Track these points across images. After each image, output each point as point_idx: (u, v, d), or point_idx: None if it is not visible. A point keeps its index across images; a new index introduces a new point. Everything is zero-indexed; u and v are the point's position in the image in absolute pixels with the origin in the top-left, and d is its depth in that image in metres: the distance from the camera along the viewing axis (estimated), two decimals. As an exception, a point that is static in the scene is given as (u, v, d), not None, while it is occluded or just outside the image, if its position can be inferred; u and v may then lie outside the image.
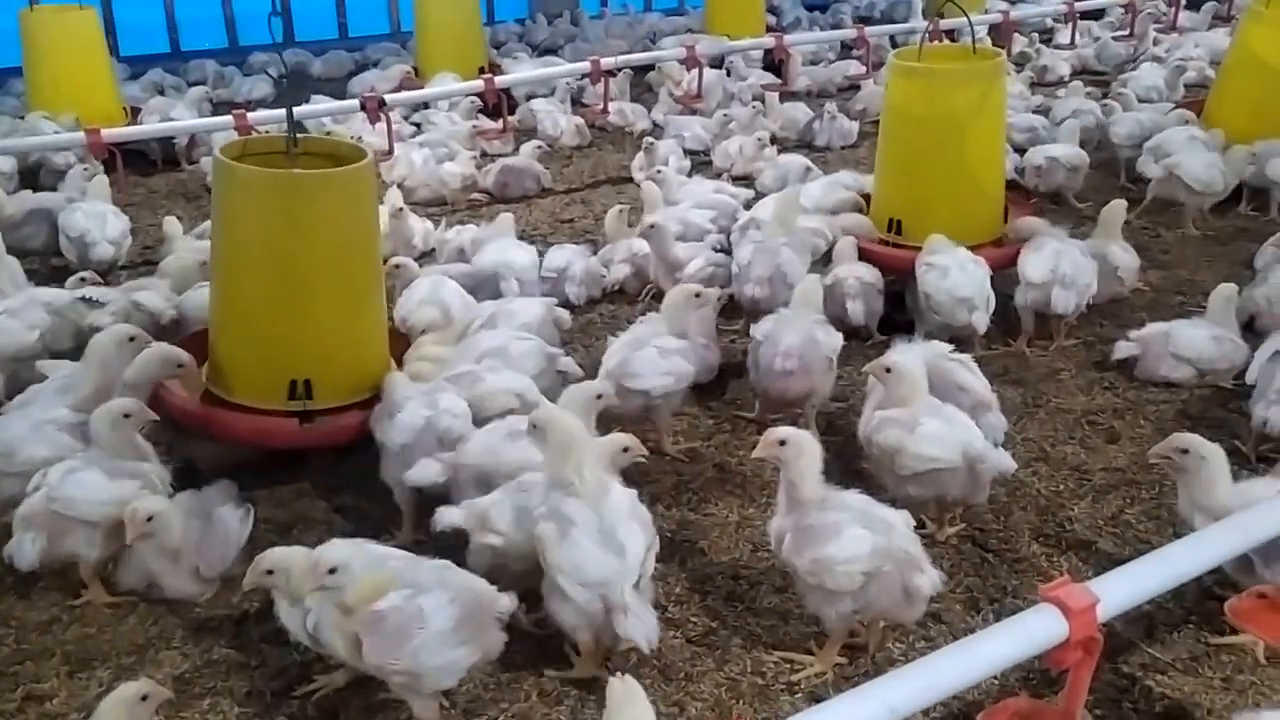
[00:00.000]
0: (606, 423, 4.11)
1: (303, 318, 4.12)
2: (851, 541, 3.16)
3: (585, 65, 9.03)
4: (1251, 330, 5.28)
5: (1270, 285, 5.43)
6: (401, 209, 6.53)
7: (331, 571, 2.99)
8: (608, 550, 3.13)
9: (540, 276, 6.00)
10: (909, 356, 4.19)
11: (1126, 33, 12.23)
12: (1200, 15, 13.33)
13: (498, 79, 8.72)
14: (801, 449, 3.29)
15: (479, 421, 4.03)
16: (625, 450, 3.50)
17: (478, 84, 8.66)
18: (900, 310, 5.66)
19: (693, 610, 3.69)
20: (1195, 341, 5.05)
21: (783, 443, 3.29)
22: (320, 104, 8.51)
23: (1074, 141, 7.46)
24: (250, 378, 4.27)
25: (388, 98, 8.11)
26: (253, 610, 3.67)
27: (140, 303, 5.10)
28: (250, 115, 7.38)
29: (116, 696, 2.77)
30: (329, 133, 8.47)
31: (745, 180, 7.90)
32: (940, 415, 3.83)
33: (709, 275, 5.78)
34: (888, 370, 3.98)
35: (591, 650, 3.30)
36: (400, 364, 4.55)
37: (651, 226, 5.83)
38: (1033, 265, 5.32)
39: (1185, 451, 3.53)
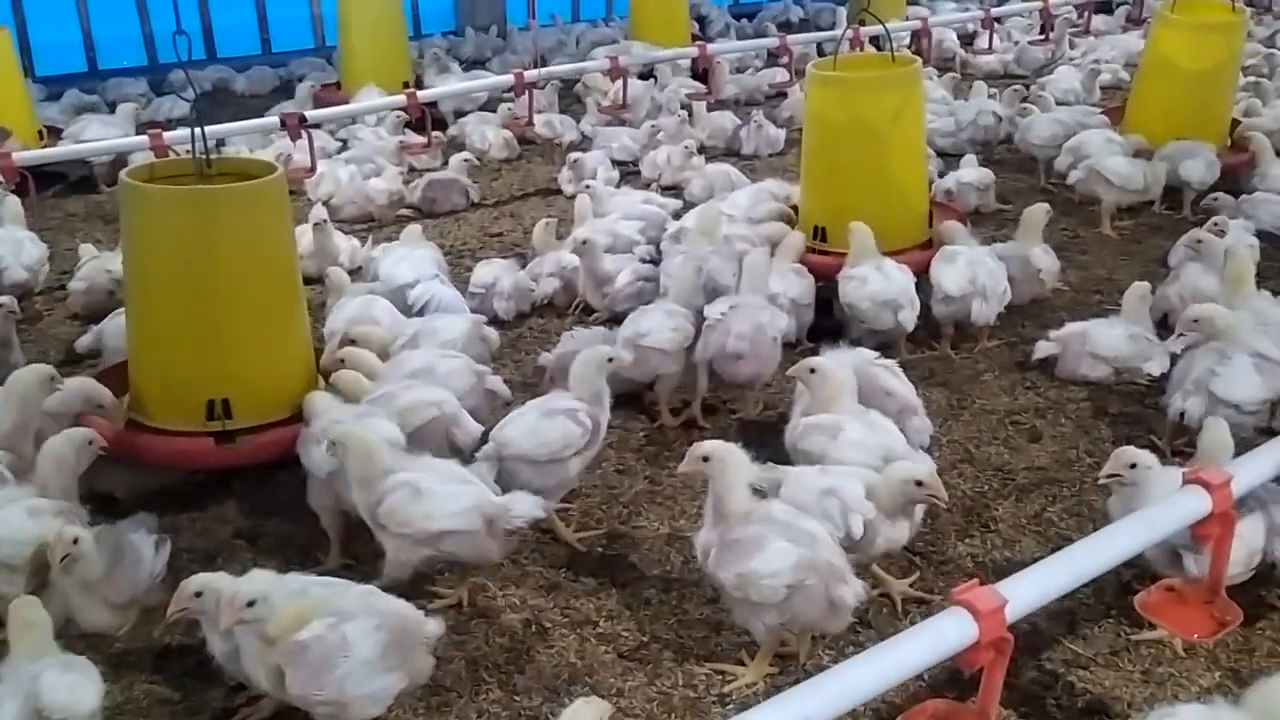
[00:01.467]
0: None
1: (217, 337, 4.07)
2: (776, 555, 3.17)
3: (509, 78, 9.00)
4: (1166, 327, 5.42)
5: (1182, 283, 5.58)
6: (324, 221, 6.45)
7: (250, 604, 2.94)
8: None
9: (468, 292, 5.98)
10: (835, 360, 4.26)
11: (1043, 37, 12.50)
12: (1114, 18, 13.70)
13: (420, 93, 8.65)
14: (726, 463, 3.30)
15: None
16: None
17: (400, 99, 8.59)
18: (828, 316, 5.72)
19: (624, 624, 3.69)
20: (1111, 340, 5.17)
21: (706, 458, 3.31)
22: (239, 123, 8.34)
23: (982, 172, 7.51)
24: (168, 400, 4.20)
25: (308, 114, 8.01)
26: (174, 644, 3.60)
27: None
28: (167, 135, 7.24)
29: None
30: (252, 152, 8.34)
31: (674, 190, 7.93)
32: (863, 421, 3.87)
33: (637, 290, 5.79)
34: (812, 371, 4.02)
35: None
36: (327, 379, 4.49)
37: (584, 242, 5.82)
38: (949, 278, 5.36)
39: (1134, 466, 3.54)
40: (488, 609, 3.78)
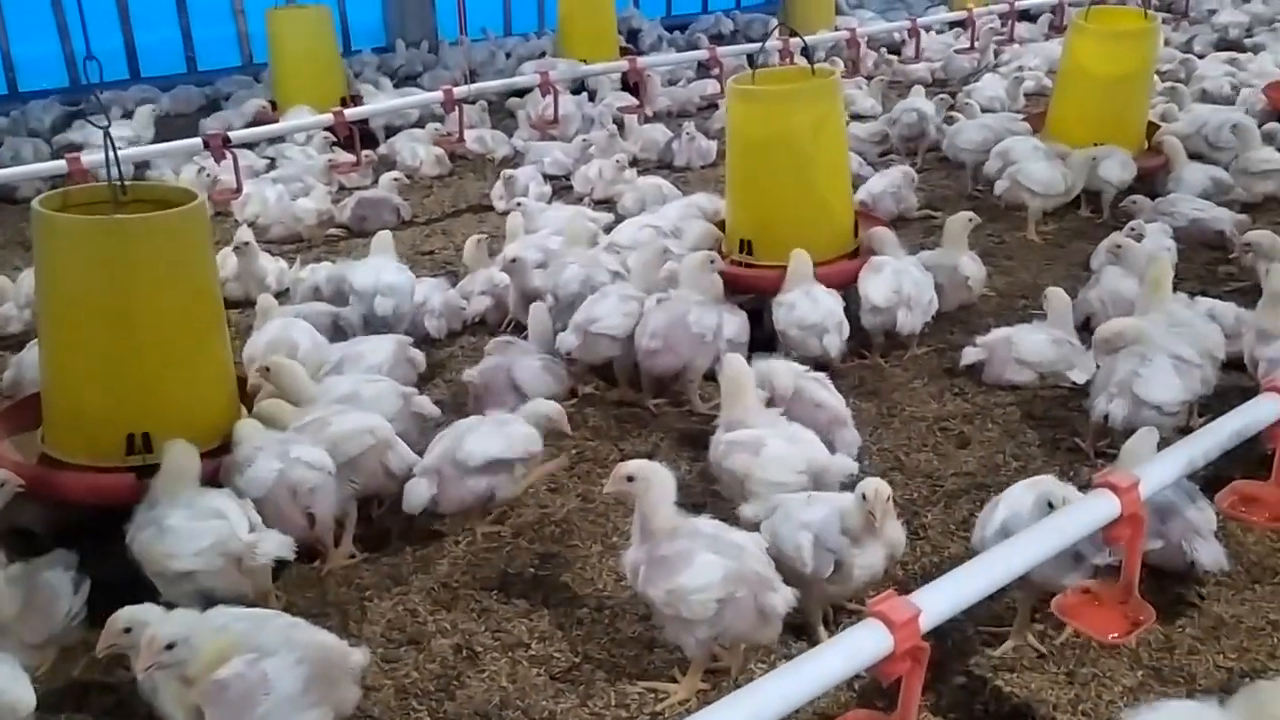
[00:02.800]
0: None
1: (136, 369, 3.97)
2: (704, 569, 3.19)
3: (438, 95, 8.95)
4: (1089, 330, 5.52)
5: (1103, 286, 5.69)
6: (247, 243, 6.35)
7: (169, 647, 2.87)
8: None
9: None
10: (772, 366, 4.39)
11: (969, 46, 12.73)
12: (1037, 26, 13.98)
13: (347, 112, 8.57)
14: (650, 482, 3.30)
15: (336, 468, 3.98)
16: None
17: (326, 118, 8.50)
18: (758, 327, 5.74)
19: (556, 646, 3.66)
20: (1036, 345, 5.26)
21: (631, 478, 3.31)
22: (162, 144, 8.20)
23: (892, 178, 7.52)
24: (86, 435, 4.08)
25: (233, 134, 7.89)
26: (94, 682, 3.51)
27: None
28: (86, 159, 7.09)
29: None
30: (179, 174, 8.21)
31: (606, 204, 7.94)
32: (784, 435, 3.90)
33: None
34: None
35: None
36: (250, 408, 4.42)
37: (513, 260, 5.80)
38: (875, 288, 5.41)
39: None
40: (417, 635, 3.74)
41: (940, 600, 2.56)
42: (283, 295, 6.28)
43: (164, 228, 3.93)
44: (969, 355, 5.36)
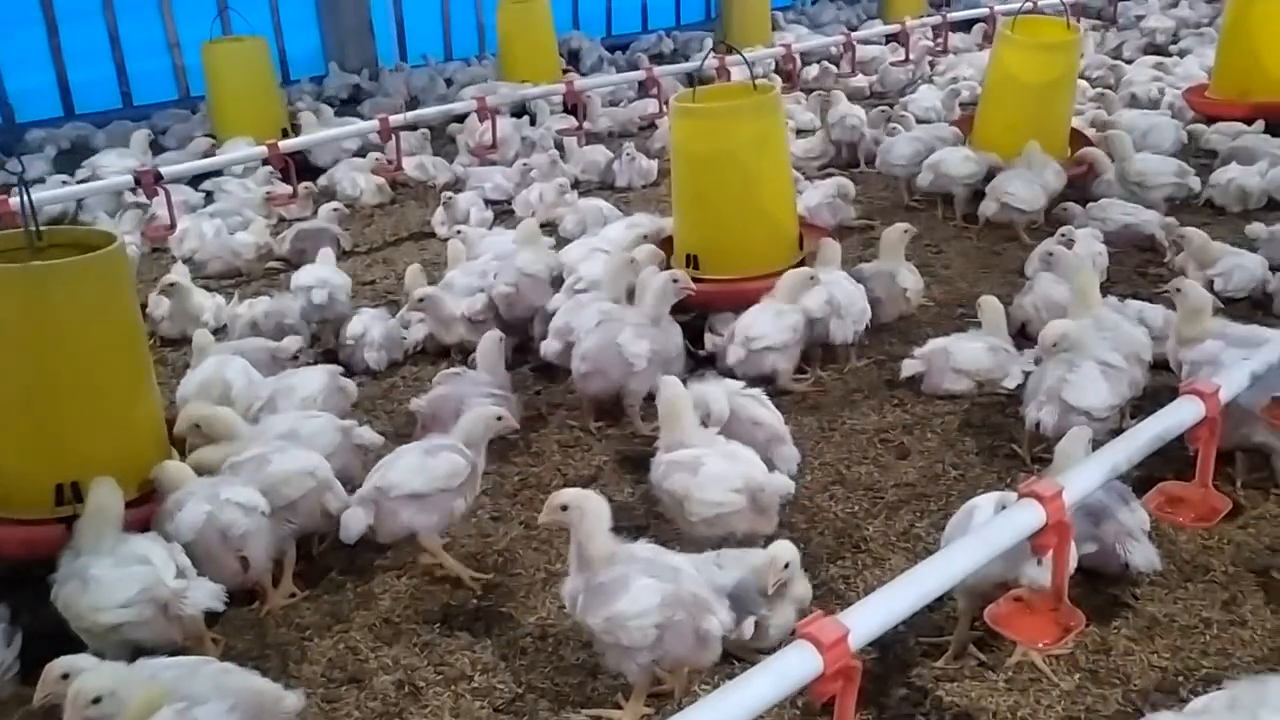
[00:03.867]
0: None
1: (62, 418, 3.89)
2: (641, 594, 3.18)
3: (374, 124, 8.92)
4: (1025, 336, 5.60)
5: (1036, 293, 5.78)
6: (174, 284, 6.27)
7: (95, 701, 2.82)
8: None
9: (338, 344, 5.90)
10: (707, 390, 4.36)
11: (903, 58, 12.91)
12: (971, 36, 14.21)
13: (283, 144, 8.50)
14: (585, 510, 3.30)
15: (273, 510, 3.94)
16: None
17: (260, 150, 8.43)
18: (700, 344, 5.77)
19: (499, 677, 3.64)
20: (972, 354, 5.32)
21: (565, 507, 3.30)
22: (91, 183, 8.08)
23: (827, 190, 7.60)
24: (13, 487, 4.00)
25: (165, 170, 7.80)
26: (26, 736, 3.45)
27: None
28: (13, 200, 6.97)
29: None
30: (117, 216, 8.09)
31: (549, 227, 7.93)
32: (722, 453, 3.91)
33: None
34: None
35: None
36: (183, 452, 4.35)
37: (420, 300, 5.78)
38: (808, 299, 5.46)
39: None
40: (359, 673, 3.70)
41: (869, 618, 2.57)
42: (221, 331, 6.21)
43: (82, 273, 3.87)
44: (908, 367, 5.41)
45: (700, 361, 5.58)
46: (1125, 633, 3.65)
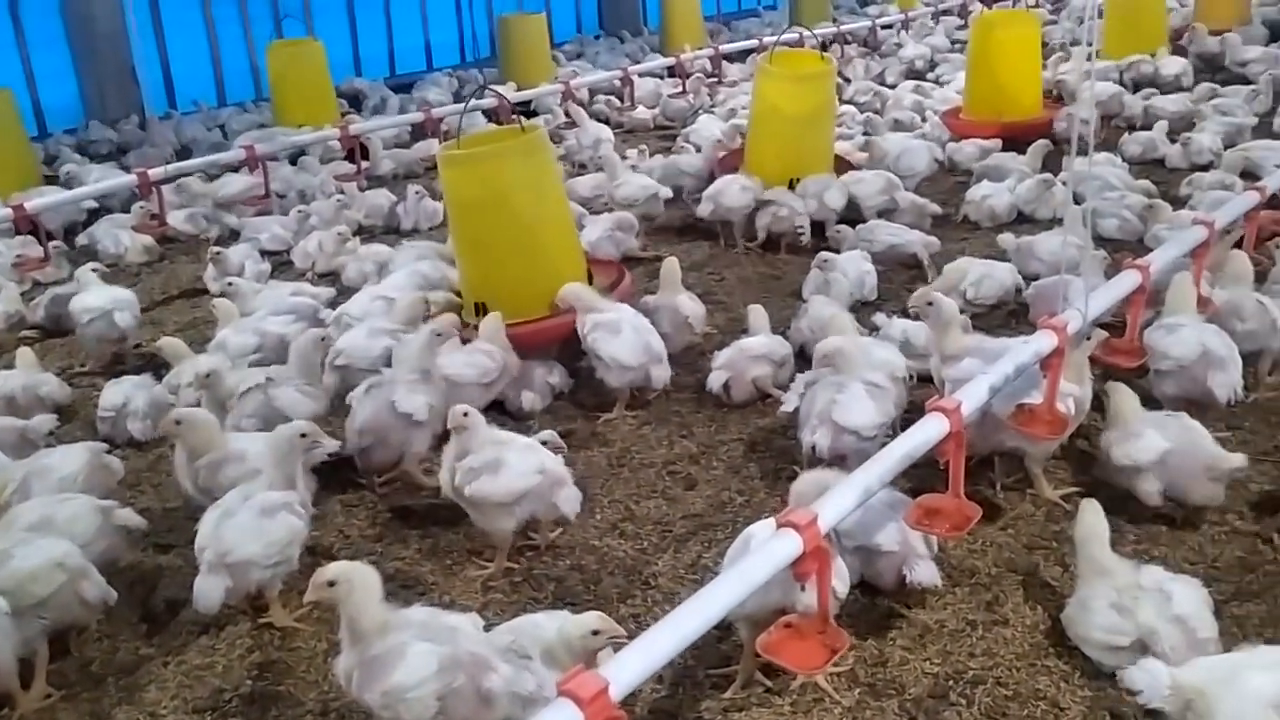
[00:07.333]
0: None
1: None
2: (417, 662, 3.08)
3: (132, 179, 8.44)
4: (803, 358, 5.78)
5: (811, 315, 5.99)
6: None
7: None
8: None
9: (97, 416, 5.50)
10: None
11: (681, 90, 13.25)
12: (746, 66, 14.73)
13: (28, 204, 7.92)
14: (353, 584, 3.18)
15: (18, 610, 3.62)
16: None
17: (5, 212, 7.84)
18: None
19: (278, 764, 3.45)
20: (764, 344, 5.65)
21: (332, 583, 3.17)
22: None
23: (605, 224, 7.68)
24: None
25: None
26: None
27: None
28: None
29: None
30: None
31: (330, 277, 7.70)
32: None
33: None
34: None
35: None
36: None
37: (207, 375, 5.21)
38: (621, 349, 5.48)
39: None
40: (120, 774, 3.43)
41: (630, 667, 2.55)
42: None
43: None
44: (715, 380, 5.56)
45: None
46: (900, 643, 3.78)
